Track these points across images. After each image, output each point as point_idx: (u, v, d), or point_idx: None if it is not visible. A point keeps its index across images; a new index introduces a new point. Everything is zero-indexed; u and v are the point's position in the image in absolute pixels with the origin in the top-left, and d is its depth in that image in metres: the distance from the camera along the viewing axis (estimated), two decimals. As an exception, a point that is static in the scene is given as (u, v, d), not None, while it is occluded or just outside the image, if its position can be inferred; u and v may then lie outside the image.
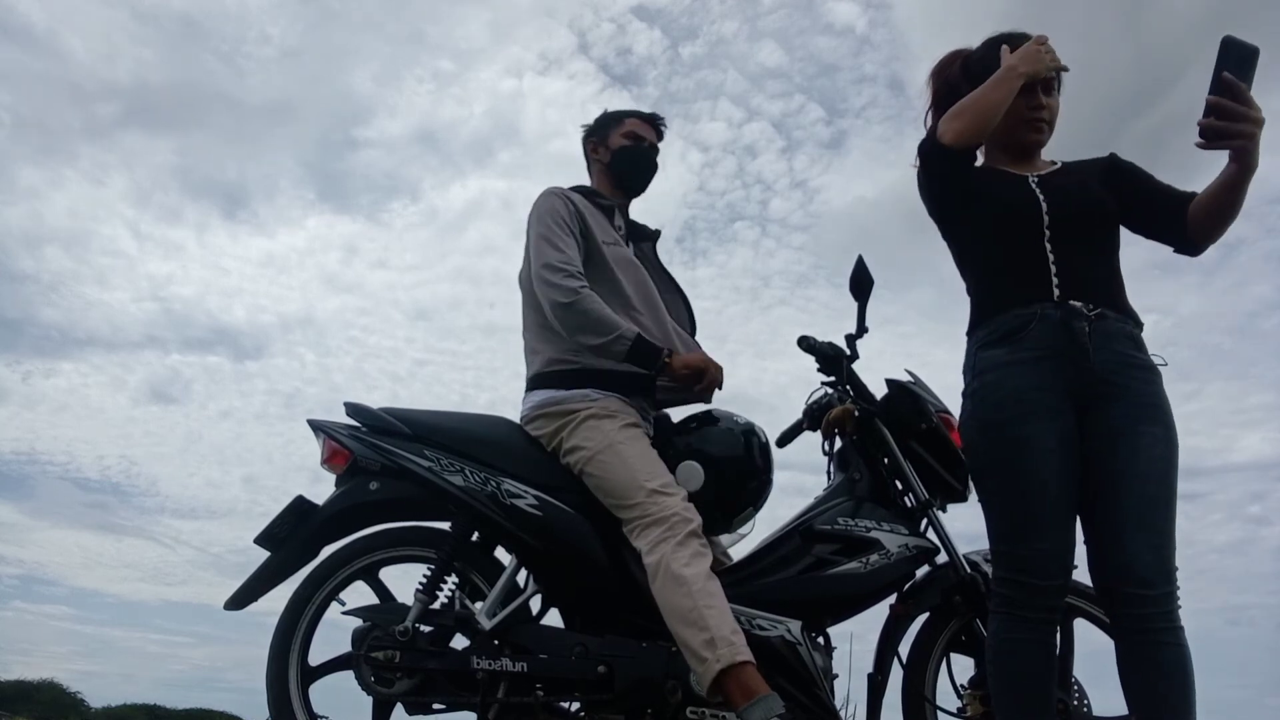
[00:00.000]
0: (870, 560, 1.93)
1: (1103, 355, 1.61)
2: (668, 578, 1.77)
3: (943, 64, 1.95)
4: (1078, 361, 1.60)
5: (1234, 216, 1.68)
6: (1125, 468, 1.57)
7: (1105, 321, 1.63)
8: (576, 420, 1.98)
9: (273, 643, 1.97)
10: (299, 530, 2.01)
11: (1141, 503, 1.55)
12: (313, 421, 2.11)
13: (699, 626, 1.72)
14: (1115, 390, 1.60)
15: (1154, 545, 1.53)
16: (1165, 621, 1.51)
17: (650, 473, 1.91)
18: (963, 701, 1.92)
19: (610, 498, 1.92)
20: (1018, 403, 1.62)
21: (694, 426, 2.13)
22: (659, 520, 1.84)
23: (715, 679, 1.70)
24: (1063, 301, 1.64)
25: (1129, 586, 1.52)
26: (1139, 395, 1.61)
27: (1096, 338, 1.62)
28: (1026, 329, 1.64)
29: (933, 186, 1.82)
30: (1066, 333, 1.62)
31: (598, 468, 1.93)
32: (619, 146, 2.28)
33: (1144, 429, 1.58)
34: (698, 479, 2.00)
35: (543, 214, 2.10)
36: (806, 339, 2.22)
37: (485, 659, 1.87)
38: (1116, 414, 1.60)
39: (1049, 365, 1.62)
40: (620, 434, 1.96)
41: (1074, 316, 1.62)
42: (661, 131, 2.34)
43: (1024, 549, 1.58)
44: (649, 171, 2.32)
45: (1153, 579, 1.51)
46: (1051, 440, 1.59)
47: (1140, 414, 1.59)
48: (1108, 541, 1.57)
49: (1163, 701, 1.50)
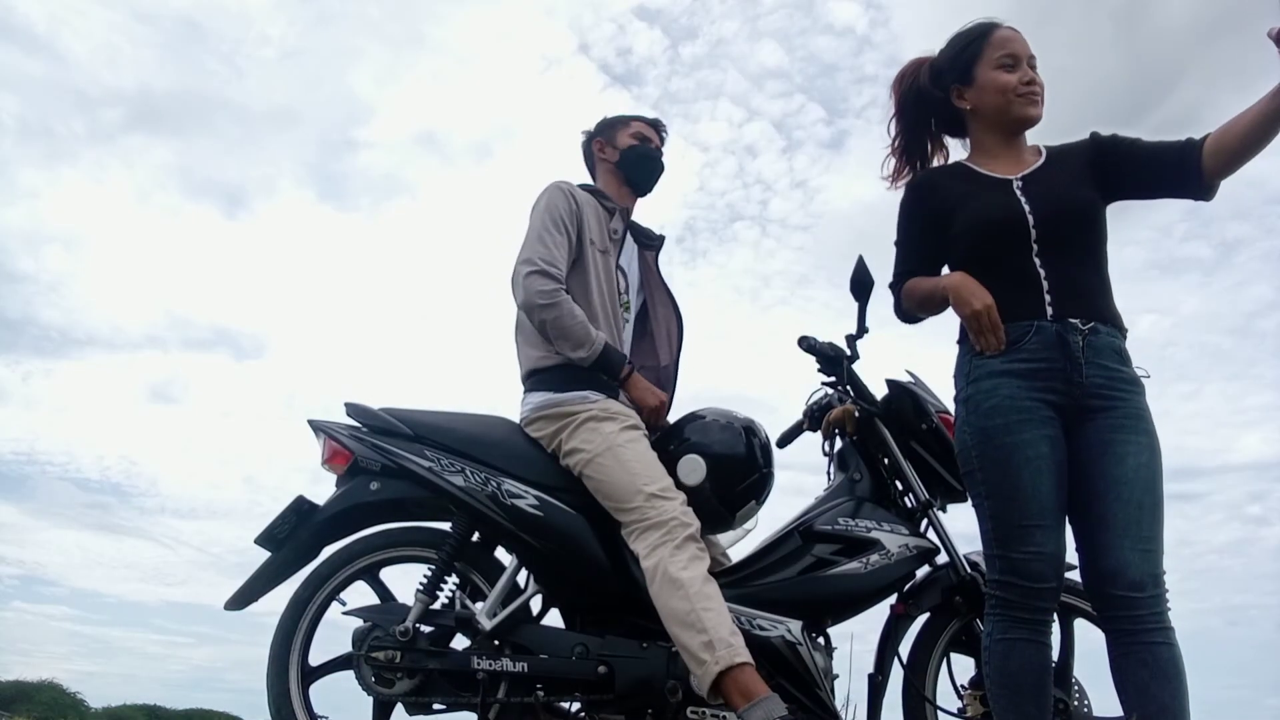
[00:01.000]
0: (871, 560, 1.93)
1: (1092, 370, 1.64)
2: (665, 581, 1.78)
3: (904, 73, 1.96)
4: (1070, 376, 1.63)
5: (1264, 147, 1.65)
6: (1112, 476, 1.60)
7: (1097, 336, 1.65)
8: (576, 422, 1.98)
9: (273, 643, 1.97)
10: (299, 530, 2.01)
11: (1129, 509, 1.58)
12: (313, 421, 2.11)
13: (697, 629, 1.73)
14: (1102, 404, 1.64)
15: (1142, 550, 1.56)
16: (1155, 622, 1.54)
17: (649, 476, 1.91)
18: (963, 701, 1.93)
19: (609, 500, 1.93)
20: (1011, 410, 1.64)
21: (694, 422, 2.13)
22: (657, 524, 1.84)
23: (715, 681, 1.70)
24: (1057, 317, 1.65)
25: (1119, 590, 1.55)
26: (1124, 407, 1.64)
27: (1088, 352, 1.64)
28: (1023, 340, 1.66)
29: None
30: (1062, 347, 1.64)
31: (597, 470, 1.93)
32: (627, 145, 2.28)
33: (1129, 438, 1.62)
34: (700, 471, 2.00)
35: (543, 208, 2.11)
36: (806, 339, 2.23)
37: (486, 659, 1.88)
38: (1104, 425, 1.63)
39: (1043, 376, 1.64)
40: (620, 436, 1.96)
41: (1070, 331, 1.65)
42: (664, 137, 2.35)
43: (1017, 553, 1.61)
44: (657, 170, 2.32)
45: (1142, 582, 1.54)
46: (1044, 446, 1.62)
47: (1124, 424, 1.63)
48: (1098, 547, 1.59)
49: (1155, 701, 1.52)
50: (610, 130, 2.32)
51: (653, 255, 2.36)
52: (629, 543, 1.88)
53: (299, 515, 2.02)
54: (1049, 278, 1.68)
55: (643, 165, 2.30)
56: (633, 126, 2.31)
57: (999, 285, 1.70)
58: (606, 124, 2.34)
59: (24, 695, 18.43)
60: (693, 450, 2.03)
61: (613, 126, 2.32)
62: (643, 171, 2.30)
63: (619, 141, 2.29)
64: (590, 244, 2.12)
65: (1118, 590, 1.55)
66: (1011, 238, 1.70)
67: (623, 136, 2.29)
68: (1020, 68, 1.78)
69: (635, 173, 2.29)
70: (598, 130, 2.35)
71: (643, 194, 2.33)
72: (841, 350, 2.20)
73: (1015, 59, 1.77)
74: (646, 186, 2.32)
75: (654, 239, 2.37)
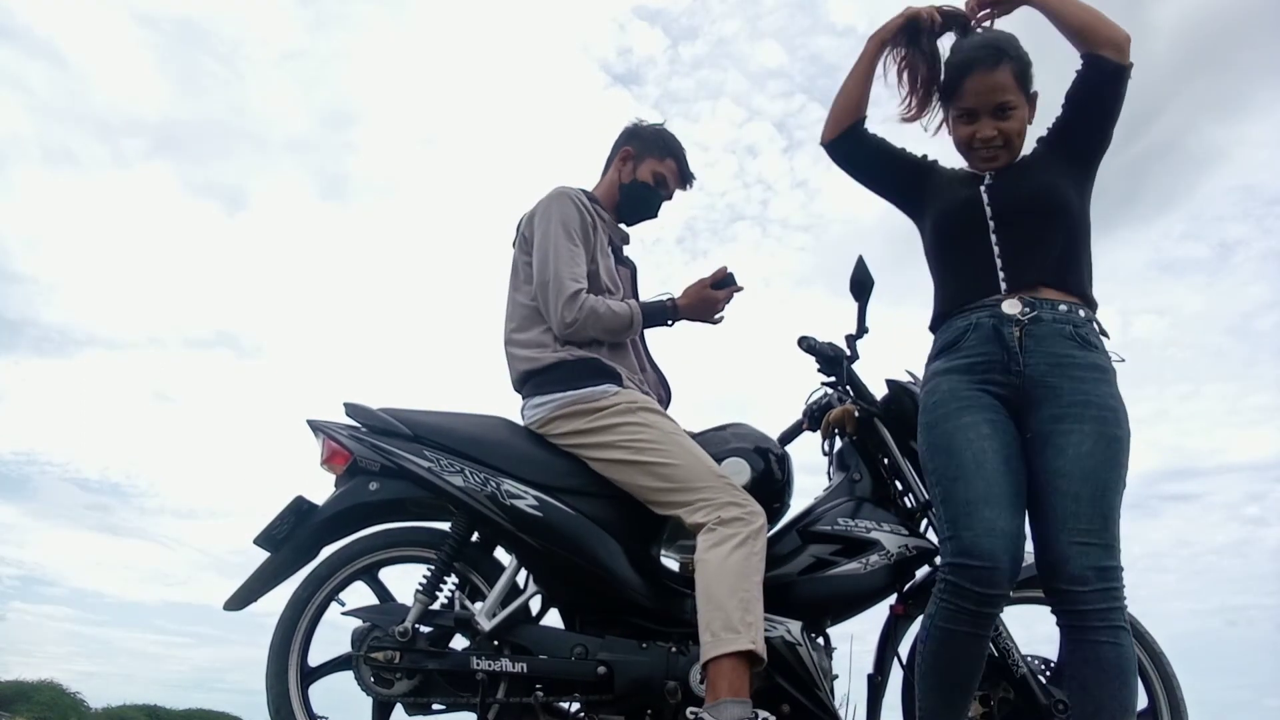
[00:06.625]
0: (870, 561, 1.93)
1: (1034, 359, 1.65)
2: (735, 557, 1.76)
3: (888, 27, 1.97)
4: (1008, 367, 1.66)
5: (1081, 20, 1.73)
6: (1052, 468, 1.60)
7: (1040, 325, 1.66)
8: (612, 413, 1.95)
9: (272, 643, 1.97)
10: (298, 531, 2.00)
11: (1066, 501, 1.56)
12: (312, 421, 2.11)
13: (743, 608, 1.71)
14: (1045, 393, 1.64)
15: (1080, 543, 1.54)
16: (1101, 620, 1.52)
17: (713, 462, 1.93)
18: (963, 702, 1.92)
19: (671, 483, 1.88)
20: (951, 399, 1.68)
21: (739, 429, 2.14)
22: (734, 504, 1.83)
23: (719, 658, 1.69)
24: (1008, 294, 1.69)
25: (1061, 584, 1.55)
26: (1070, 394, 1.63)
27: (1029, 341, 1.65)
28: (962, 339, 1.71)
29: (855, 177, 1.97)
30: (998, 339, 1.67)
31: (658, 455, 1.90)
32: (642, 179, 2.26)
33: (1071, 427, 1.60)
34: (745, 475, 2.01)
35: (556, 220, 2.08)
36: (806, 339, 2.23)
37: (485, 659, 1.87)
38: (1045, 416, 1.63)
39: (980, 369, 1.68)
40: (674, 424, 1.98)
41: (1005, 323, 1.67)
42: (687, 188, 2.33)
43: (967, 530, 1.57)
44: (648, 217, 2.33)
45: (1084, 576, 1.52)
46: (984, 427, 1.64)
47: (1067, 413, 1.61)
48: (1041, 541, 1.60)
49: (1093, 700, 1.52)
50: (645, 148, 2.28)
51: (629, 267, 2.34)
52: (690, 518, 1.85)
53: (298, 515, 2.01)
54: (1003, 255, 1.72)
55: (638, 207, 2.30)
56: (664, 165, 2.28)
57: (958, 268, 1.79)
58: (650, 140, 2.29)
59: (24, 695, 18.41)
60: (738, 455, 2.04)
61: (651, 148, 2.28)
62: (634, 211, 2.31)
63: (640, 170, 2.26)
64: (598, 254, 2.12)
65: (1060, 584, 1.55)
66: (968, 218, 1.78)
67: (647, 166, 2.27)
68: (978, 121, 1.79)
69: (628, 207, 2.29)
70: (639, 138, 2.30)
71: (623, 223, 2.33)
72: (841, 350, 2.20)
73: (973, 113, 1.79)
74: (629, 222, 2.33)
75: (625, 239, 2.36)
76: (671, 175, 2.28)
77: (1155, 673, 1.88)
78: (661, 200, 2.30)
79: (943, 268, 1.85)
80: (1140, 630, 1.90)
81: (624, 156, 2.28)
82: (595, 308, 2.01)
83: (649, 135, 2.30)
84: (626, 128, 2.33)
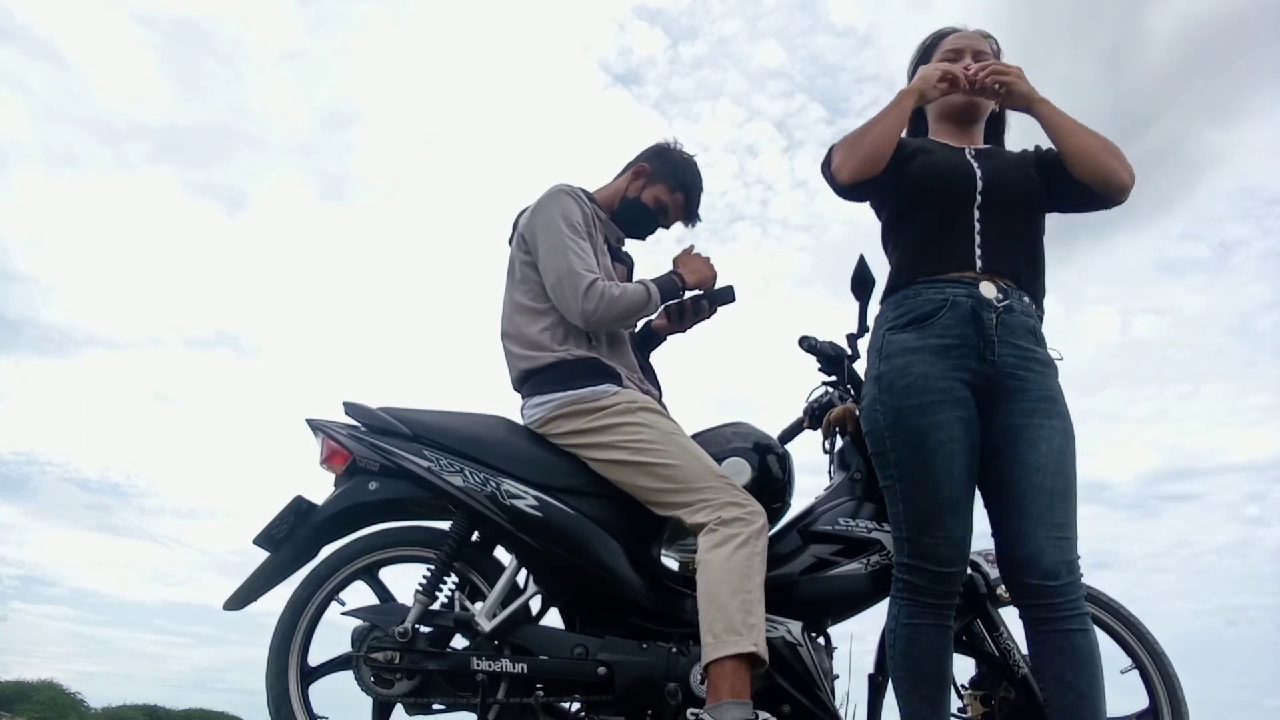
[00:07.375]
0: (871, 560, 1.93)
1: (1005, 349, 1.65)
2: (735, 557, 1.75)
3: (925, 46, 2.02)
4: (983, 354, 1.64)
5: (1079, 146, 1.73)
6: (1026, 462, 1.61)
7: (1012, 315, 1.67)
8: (612, 413, 1.95)
9: (272, 643, 1.97)
10: (298, 530, 2.00)
11: (1042, 496, 1.59)
12: (312, 421, 2.10)
13: (745, 609, 1.71)
14: (1015, 385, 1.65)
15: (1055, 539, 1.57)
16: (1071, 609, 1.56)
17: (713, 462, 1.93)
18: (963, 701, 1.92)
19: (674, 483, 1.88)
20: (925, 390, 1.65)
21: (740, 429, 2.14)
22: (735, 504, 1.83)
23: (721, 660, 1.68)
24: (983, 274, 1.68)
25: (1034, 579, 1.57)
26: (1037, 389, 1.65)
27: (1001, 330, 1.65)
28: (937, 314, 1.67)
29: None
30: (976, 323, 1.65)
31: (659, 455, 1.89)
32: (645, 201, 2.26)
33: (1041, 422, 1.62)
34: (745, 475, 2.01)
35: (559, 215, 2.07)
36: (807, 339, 2.22)
37: (485, 660, 1.87)
38: (1016, 409, 1.64)
39: (955, 354, 1.65)
40: (674, 424, 1.98)
41: (984, 307, 1.66)
42: (689, 226, 2.33)
43: (928, 536, 1.62)
44: (637, 238, 2.33)
45: (1056, 570, 1.56)
46: (958, 428, 1.63)
47: (1038, 408, 1.64)
48: (1012, 536, 1.61)
49: (1072, 690, 1.55)
50: (662, 172, 2.27)
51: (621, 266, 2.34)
52: (691, 518, 1.84)
53: (297, 515, 2.01)
54: (983, 234, 1.71)
55: (631, 225, 2.29)
56: (672, 196, 2.27)
57: (934, 237, 1.75)
58: (670, 164, 2.27)
59: (24, 695, 18.40)
60: (739, 455, 2.04)
61: (667, 173, 2.26)
62: (630, 229, 2.30)
63: (648, 190, 2.26)
64: (597, 249, 2.12)
65: (1033, 579, 1.57)
66: (958, 188, 1.75)
67: (656, 190, 2.26)
68: (962, 59, 1.86)
69: (622, 221, 2.28)
70: (661, 158, 2.29)
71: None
72: (842, 349, 2.20)
73: (958, 53, 1.87)
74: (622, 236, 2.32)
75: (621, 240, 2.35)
76: (676, 208, 2.28)
77: (1156, 672, 1.88)
78: (657, 227, 2.31)
79: (916, 227, 1.79)
80: (1141, 630, 1.90)
81: (639, 171, 2.28)
82: (612, 292, 2.00)
83: (672, 160, 2.28)
84: (658, 144, 2.32)
